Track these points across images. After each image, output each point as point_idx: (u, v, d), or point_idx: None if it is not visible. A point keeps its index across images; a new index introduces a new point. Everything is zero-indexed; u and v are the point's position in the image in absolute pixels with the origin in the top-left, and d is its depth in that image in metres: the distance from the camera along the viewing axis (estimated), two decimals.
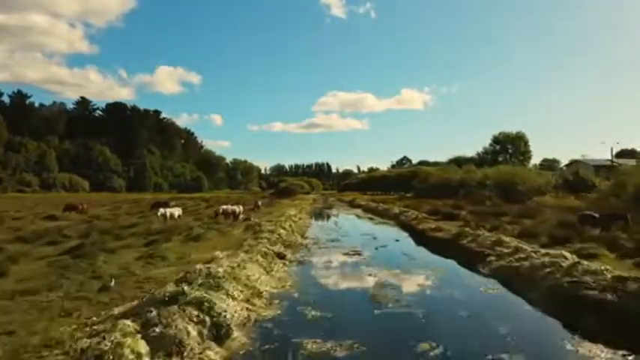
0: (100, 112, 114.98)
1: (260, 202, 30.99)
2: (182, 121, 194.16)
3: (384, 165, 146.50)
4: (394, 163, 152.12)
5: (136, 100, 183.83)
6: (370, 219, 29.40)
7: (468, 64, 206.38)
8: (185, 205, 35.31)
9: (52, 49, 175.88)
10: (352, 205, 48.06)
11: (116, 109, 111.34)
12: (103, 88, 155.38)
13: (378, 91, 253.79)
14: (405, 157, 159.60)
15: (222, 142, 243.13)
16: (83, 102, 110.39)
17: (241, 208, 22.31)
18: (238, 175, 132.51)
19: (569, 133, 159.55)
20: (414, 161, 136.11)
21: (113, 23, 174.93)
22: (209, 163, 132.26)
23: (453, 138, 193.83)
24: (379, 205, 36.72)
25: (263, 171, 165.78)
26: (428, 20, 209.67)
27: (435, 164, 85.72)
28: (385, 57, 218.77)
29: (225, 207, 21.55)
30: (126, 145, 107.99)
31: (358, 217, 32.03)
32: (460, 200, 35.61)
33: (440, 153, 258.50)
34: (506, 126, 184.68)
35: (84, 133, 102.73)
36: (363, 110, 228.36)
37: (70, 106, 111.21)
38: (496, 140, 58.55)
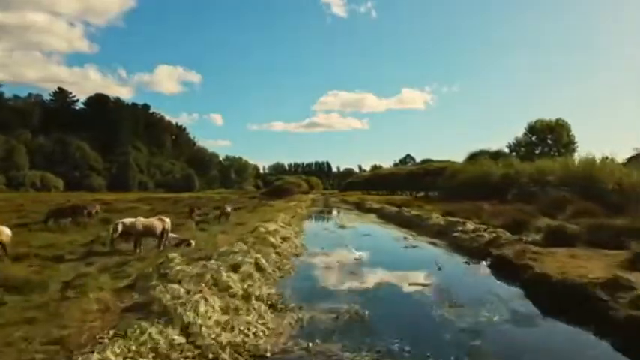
0: (83, 105, 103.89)
1: (229, 208, 20.11)
2: (182, 120, 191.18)
3: (385, 164, 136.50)
4: (397, 162, 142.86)
5: (136, 99, 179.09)
6: (395, 232, 18.57)
7: (469, 63, 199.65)
8: (132, 214, 24.52)
9: (51, 48, 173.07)
10: (361, 208, 37.14)
11: (98, 102, 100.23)
12: (103, 88, 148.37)
13: (379, 90, 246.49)
14: (408, 155, 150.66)
15: (222, 142, 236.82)
16: (61, 93, 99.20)
17: (167, 222, 11.38)
18: (232, 173, 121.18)
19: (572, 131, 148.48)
20: (418, 160, 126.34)
21: (113, 22, 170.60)
22: (202, 160, 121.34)
23: (455, 137, 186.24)
24: (402, 210, 25.83)
25: (261, 170, 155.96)
26: (428, 19, 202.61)
27: (440, 162, 74.72)
28: (386, 56, 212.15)
29: (129, 221, 10.62)
30: (108, 140, 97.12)
31: (370, 224, 21.20)
32: (513, 202, 24.89)
33: (442, 152, 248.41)
34: (507, 124, 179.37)
35: (61, 128, 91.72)
36: (364, 110, 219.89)
37: (46, 97, 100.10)
38: (532, 130, 47.48)
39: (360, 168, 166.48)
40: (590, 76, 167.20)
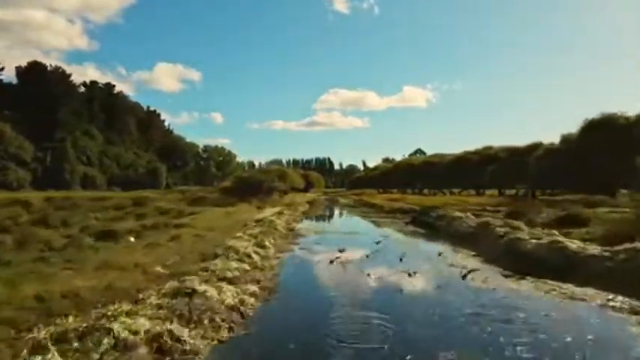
0: (17, 80, 77.57)
1: None
2: (183, 119, 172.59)
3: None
4: (406, 156, 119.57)
5: (136, 97, 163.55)
6: None
7: (470, 61, 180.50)
8: None
9: (50, 46, 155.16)
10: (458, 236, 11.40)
11: (32, 73, 74.12)
12: None
13: (380, 88, 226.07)
14: (419, 149, 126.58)
15: (222, 140, 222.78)
16: None
17: None
18: (211, 166, 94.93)
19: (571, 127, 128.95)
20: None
21: (112, 19, 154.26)
22: (178, 151, 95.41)
23: (458, 136, 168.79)
24: None
25: (258, 166, 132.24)
26: (430, 16, 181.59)
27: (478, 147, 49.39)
28: (387, 54, 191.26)
29: None
30: (45, 123, 71.23)
31: None
32: None
33: (444, 151, 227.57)
34: (509, 122, 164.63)
35: None
36: (365, 108, 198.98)
37: None
38: None
39: (364, 164, 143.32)
40: (589, 73, 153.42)
